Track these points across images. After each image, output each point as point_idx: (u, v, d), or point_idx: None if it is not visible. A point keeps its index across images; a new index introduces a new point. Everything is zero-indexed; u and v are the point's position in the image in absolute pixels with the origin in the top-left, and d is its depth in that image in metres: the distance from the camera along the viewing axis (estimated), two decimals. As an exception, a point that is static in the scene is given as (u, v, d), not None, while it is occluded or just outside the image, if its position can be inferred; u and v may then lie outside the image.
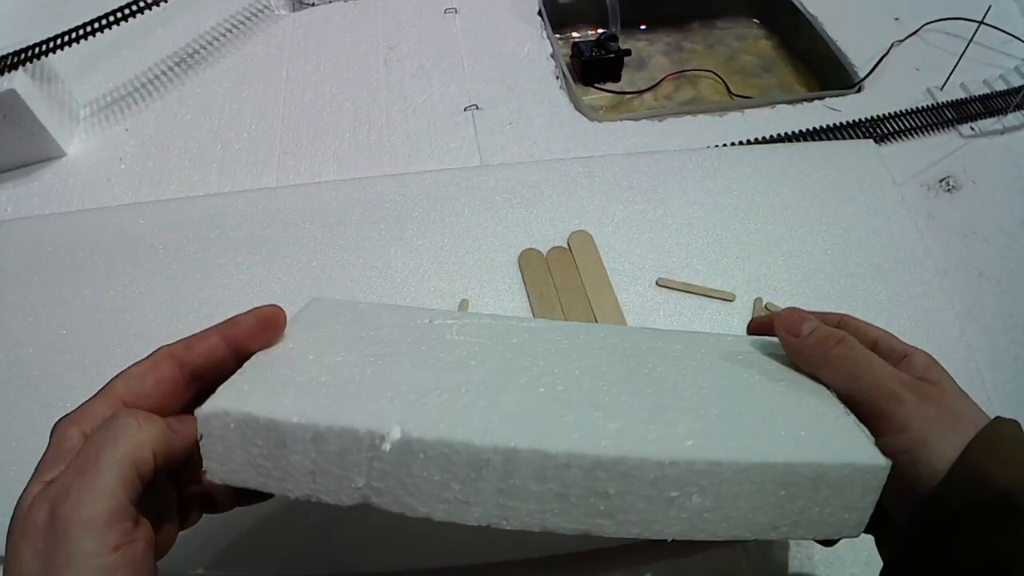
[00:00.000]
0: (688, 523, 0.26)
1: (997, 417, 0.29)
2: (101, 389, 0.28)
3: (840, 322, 0.35)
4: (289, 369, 0.30)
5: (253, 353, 0.31)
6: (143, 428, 0.26)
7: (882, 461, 0.27)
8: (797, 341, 0.34)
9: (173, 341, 0.30)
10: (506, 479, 0.25)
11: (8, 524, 0.26)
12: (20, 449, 0.45)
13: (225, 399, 0.27)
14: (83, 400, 0.47)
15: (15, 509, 0.26)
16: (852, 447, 0.28)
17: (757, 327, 0.39)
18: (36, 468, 0.27)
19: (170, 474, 0.29)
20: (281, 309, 0.32)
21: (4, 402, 0.48)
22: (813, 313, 0.36)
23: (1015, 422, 0.29)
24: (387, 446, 0.25)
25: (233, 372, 0.30)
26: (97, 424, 0.27)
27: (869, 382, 0.30)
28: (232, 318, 0.31)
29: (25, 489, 0.26)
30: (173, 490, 0.30)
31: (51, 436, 0.27)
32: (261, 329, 0.32)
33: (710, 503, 0.26)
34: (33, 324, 0.51)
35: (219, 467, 0.27)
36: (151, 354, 0.29)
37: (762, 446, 0.27)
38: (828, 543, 0.34)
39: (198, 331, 0.31)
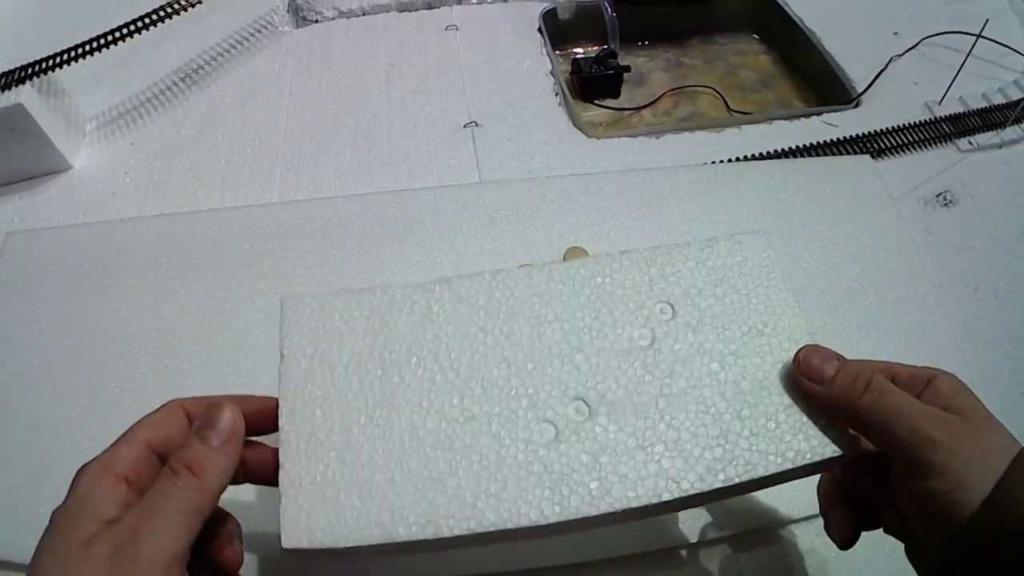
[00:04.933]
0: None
1: None
2: (124, 435, 0.29)
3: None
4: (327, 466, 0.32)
5: (250, 428, 0.32)
6: (208, 482, 0.28)
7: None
8: (822, 390, 0.32)
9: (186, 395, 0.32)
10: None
11: (51, 546, 0.26)
12: (24, 457, 0.46)
13: (297, 531, 0.30)
14: (85, 412, 0.48)
15: (68, 542, 0.26)
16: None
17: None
18: (66, 509, 0.27)
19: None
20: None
21: (8, 412, 0.48)
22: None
23: None
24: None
25: None
26: (127, 468, 0.28)
27: (904, 430, 0.29)
28: (246, 396, 0.33)
29: (71, 525, 0.27)
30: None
31: (77, 480, 0.28)
32: (263, 418, 0.33)
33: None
34: (38, 335, 0.52)
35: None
36: (164, 404, 0.31)
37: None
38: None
39: (210, 395, 0.33)
